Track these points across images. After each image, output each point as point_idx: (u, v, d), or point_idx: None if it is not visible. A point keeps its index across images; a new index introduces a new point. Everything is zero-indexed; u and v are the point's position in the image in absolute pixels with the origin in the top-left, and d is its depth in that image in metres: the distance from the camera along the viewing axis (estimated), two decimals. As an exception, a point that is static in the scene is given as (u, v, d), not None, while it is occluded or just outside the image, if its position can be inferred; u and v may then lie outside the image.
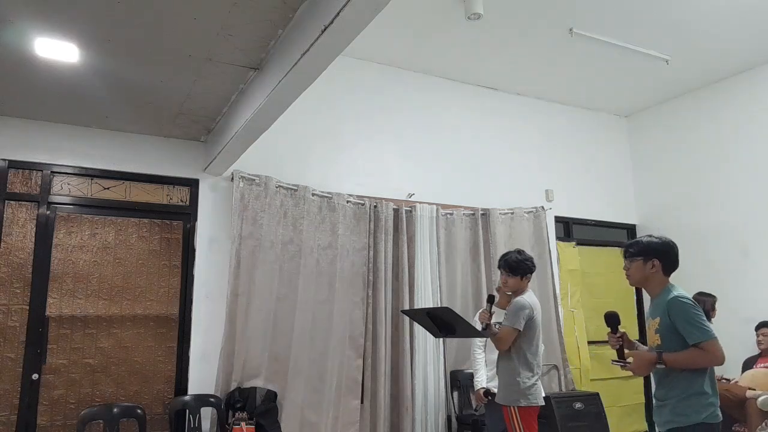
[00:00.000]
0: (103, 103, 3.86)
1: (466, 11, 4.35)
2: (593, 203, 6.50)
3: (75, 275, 4.16)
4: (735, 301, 5.65)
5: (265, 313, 4.38)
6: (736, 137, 5.86)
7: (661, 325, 2.57)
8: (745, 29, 5.01)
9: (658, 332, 2.59)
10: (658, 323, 2.59)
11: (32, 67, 3.29)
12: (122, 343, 4.24)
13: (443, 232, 5.31)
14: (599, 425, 4.85)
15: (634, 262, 2.71)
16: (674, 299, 2.53)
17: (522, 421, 3.32)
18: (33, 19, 2.83)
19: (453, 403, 5.04)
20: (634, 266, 2.71)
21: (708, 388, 2.48)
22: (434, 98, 5.70)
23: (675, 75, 5.85)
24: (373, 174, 5.21)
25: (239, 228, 4.39)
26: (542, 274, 5.57)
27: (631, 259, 2.73)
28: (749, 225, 5.66)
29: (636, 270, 2.70)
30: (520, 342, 3.38)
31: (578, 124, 6.62)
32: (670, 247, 2.70)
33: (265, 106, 3.27)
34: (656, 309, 2.64)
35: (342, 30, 2.47)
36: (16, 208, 4.08)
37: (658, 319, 2.60)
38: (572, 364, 5.67)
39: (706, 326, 2.46)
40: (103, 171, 4.32)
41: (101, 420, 3.89)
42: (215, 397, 4.16)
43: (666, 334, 2.54)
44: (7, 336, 3.93)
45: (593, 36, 4.97)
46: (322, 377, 4.54)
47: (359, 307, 4.77)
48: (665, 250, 2.68)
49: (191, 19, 2.83)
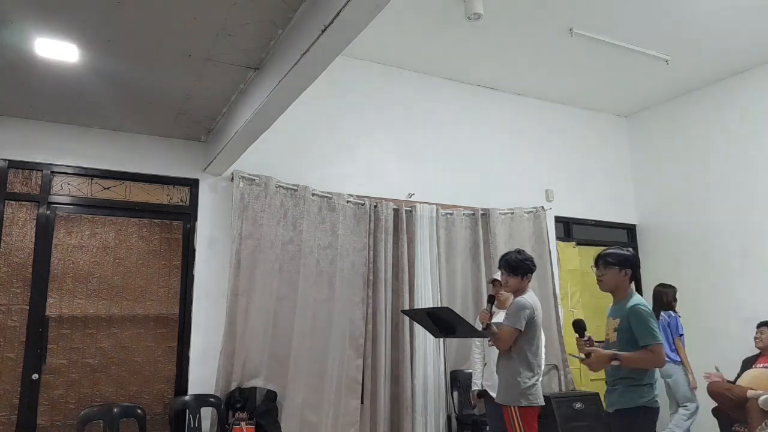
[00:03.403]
0: (103, 103, 3.86)
1: (466, 11, 4.36)
2: (593, 203, 6.50)
3: (75, 275, 4.16)
4: (735, 301, 5.65)
5: (265, 313, 4.38)
6: (736, 137, 5.86)
7: (620, 325, 2.96)
8: (745, 29, 5.01)
9: (616, 330, 2.98)
10: (617, 323, 2.98)
11: (32, 67, 3.29)
12: (122, 343, 4.24)
13: (443, 232, 5.31)
14: (599, 425, 4.85)
15: (611, 270, 3.03)
16: (636, 307, 2.91)
17: (522, 421, 3.32)
18: (33, 19, 2.83)
19: (453, 403, 5.04)
20: (609, 273, 3.04)
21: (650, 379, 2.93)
22: (434, 98, 5.71)
23: (675, 75, 5.86)
24: (373, 174, 5.21)
25: (239, 228, 4.39)
26: (542, 274, 5.57)
27: (607, 267, 3.04)
28: (749, 225, 5.66)
29: (611, 277, 3.04)
30: (521, 342, 3.38)
31: (578, 124, 6.62)
32: (638, 260, 3.17)
33: (265, 106, 3.27)
34: (618, 311, 3.01)
35: (342, 30, 2.48)
36: (16, 208, 4.08)
37: (618, 320, 2.99)
38: (572, 364, 5.66)
39: (656, 333, 2.88)
40: (103, 171, 4.32)
41: (101, 420, 3.88)
42: (215, 397, 4.16)
43: (622, 334, 2.94)
44: (7, 336, 3.93)
45: (593, 36, 4.97)
46: (322, 377, 4.54)
47: (359, 307, 4.78)
48: (635, 263, 3.09)
49: (191, 19, 2.83)
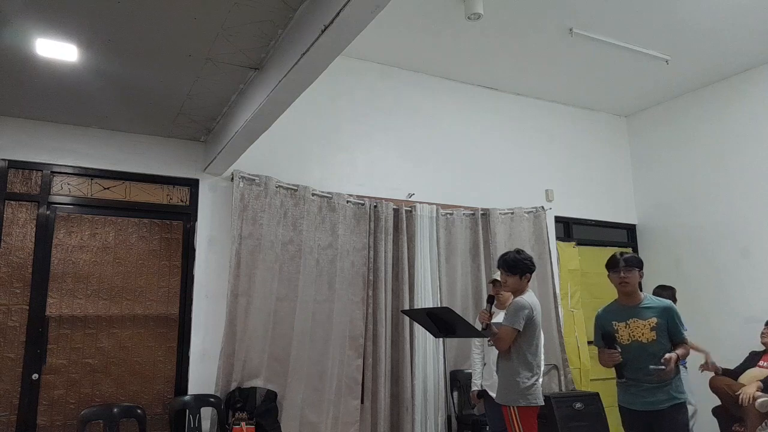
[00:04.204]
0: (103, 103, 3.86)
1: (466, 11, 4.36)
2: (593, 203, 6.50)
3: (75, 275, 4.16)
4: (735, 300, 5.65)
5: (265, 313, 4.38)
6: (736, 137, 5.86)
7: (658, 324, 3.16)
8: (745, 29, 5.01)
9: (654, 329, 3.16)
10: (654, 323, 3.17)
11: (32, 67, 3.29)
12: (122, 343, 4.24)
13: (443, 232, 5.31)
14: (599, 425, 4.85)
15: (633, 272, 3.25)
16: (672, 306, 3.22)
17: (522, 421, 3.31)
18: (33, 19, 2.83)
19: (453, 403, 5.04)
20: (634, 275, 3.25)
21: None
22: (434, 98, 5.71)
23: (675, 75, 5.86)
24: (373, 174, 5.21)
25: (239, 228, 4.39)
26: (542, 274, 5.58)
27: (633, 270, 3.25)
28: (749, 225, 5.66)
29: (634, 278, 3.26)
30: (520, 342, 3.38)
31: (578, 124, 6.62)
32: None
33: (265, 106, 3.27)
34: (649, 311, 3.22)
35: (342, 30, 2.47)
36: (16, 208, 4.08)
37: (655, 320, 3.17)
38: (572, 364, 5.67)
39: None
40: (103, 171, 4.32)
41: (101, 420, 3.89)
42: (215, 397, 4.16)
43: (662, 333, 3.16)
44: (7, 336, 3.93)
45: (593, 36, 4.97)
46: (322, 377, 4.54)
47: (359, 307, 4.78)
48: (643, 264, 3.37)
49: (191, 19, 2.83)
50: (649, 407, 3.11)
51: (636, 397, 3.16)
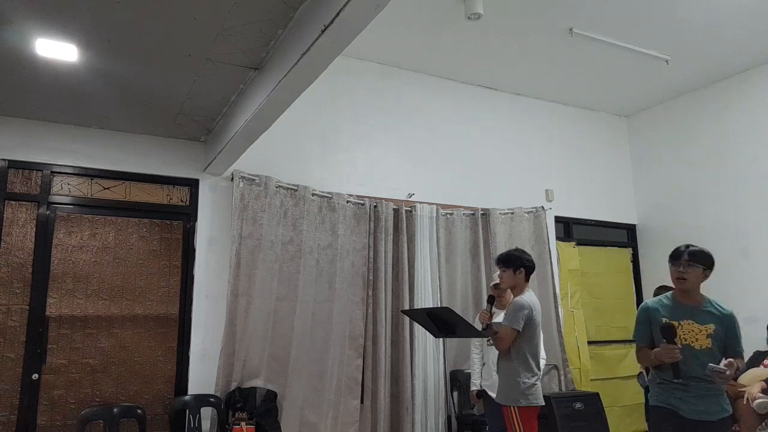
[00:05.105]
0: (103, 103, 3.86)
1: (466, 11, 4.36)
2: (593, 203, 6.50)
3: (75, 275, 4.16)
4: (735, 301, 5.60)
5: (265, 313, 4.38)
6: (736, 137, 5.86)
7: (715, 332, 2.90)
8: (745, 29, 5.01)
9: (710, 337, 2.89)
10: (711, 330, 2.90)
11: (32, 67, 3.29)
12: (122, 343, 4.24)
13: (443, 232, 5.31)
14: (599, 425, 4.85)
15: (696, 269, 2.95)
16: (733, 315, 2.95)
17: (522, 421, 3.31)
18: (33, 19, 2.83)
19: (453, 403, 5.04)
20: (694, 272, 2.94)
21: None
22: (434, 98, 5.71)
23: (675, 75, 5.86)
24: (372, 174, 5.21)
25: (239, 228, 4.39)
26: (542, 274, 5.58)
27: (695, 266, 2.95)
28: (749, 225, 5.66)
29: (695, 276, 2.95)
30: (520, 342, 3.38)
31: (578, 124, 6.62)
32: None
33: (265, 107, 3.27)
34: (708, 317, 2.94)
35: (342, 30, 2.48)
36: (16, 208, 4.08)
37: (713, 327, 2.91)
38: (572, 364, 5.66)
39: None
40: (103, 171, 4.32)
41: (101, 420, 3.89)
42: (215, 397, 4.16)
43: (718, 342, 2.90)
44: (7, 336, 3.93)
45: (593, 36, 4.97)
46: (322, 377, 4.54)
47: (359, 307, 4.78)
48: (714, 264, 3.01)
49: (191, 19, 2.83)
50: (699, 416, 2.85)
51: (683, 402, 2.89)
